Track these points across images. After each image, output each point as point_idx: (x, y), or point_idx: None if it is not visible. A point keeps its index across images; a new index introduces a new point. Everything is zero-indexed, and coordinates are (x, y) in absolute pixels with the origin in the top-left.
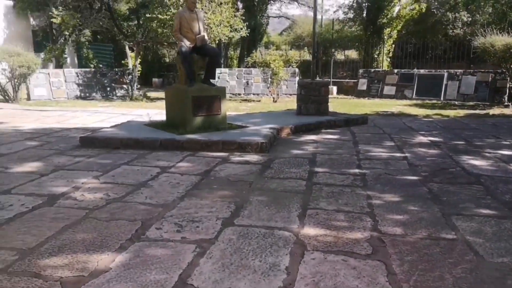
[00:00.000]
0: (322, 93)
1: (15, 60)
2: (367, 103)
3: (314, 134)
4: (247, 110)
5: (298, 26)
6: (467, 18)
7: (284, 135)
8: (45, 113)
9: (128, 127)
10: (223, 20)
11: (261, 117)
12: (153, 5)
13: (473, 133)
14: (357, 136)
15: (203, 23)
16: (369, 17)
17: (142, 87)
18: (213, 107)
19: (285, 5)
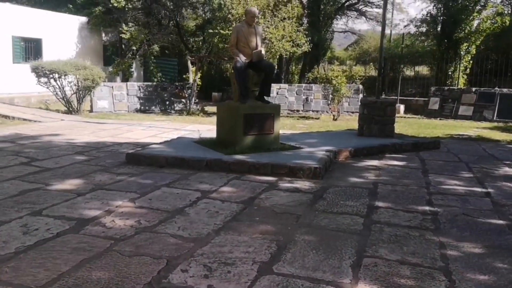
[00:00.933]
0: (388, 113)
1: (81, 73)
2: (439, 124)
3: (376, 159)
4: (304, 128)
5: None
6: None
7: (342, 158)
8: (102, 126)
9: (176, 144)
10: (285, 35)
11: (317, 137)
12: (217, 21)
13: None
14: (427, 163)
15: (261, 38)
16: (444, 31)
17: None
18: (266, 126)
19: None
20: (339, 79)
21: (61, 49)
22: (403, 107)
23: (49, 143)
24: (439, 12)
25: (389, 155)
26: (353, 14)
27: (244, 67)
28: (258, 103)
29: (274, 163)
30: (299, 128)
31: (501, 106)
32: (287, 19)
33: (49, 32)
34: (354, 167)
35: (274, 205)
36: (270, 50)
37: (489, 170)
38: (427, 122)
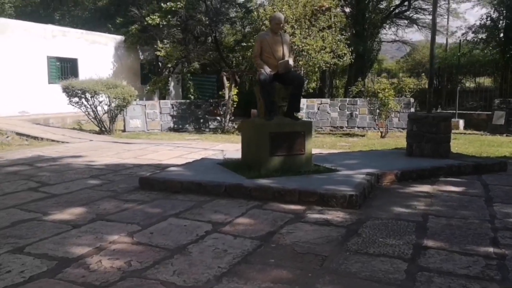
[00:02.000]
0: (441, 129)
1: (112, 92)
2: (506, 141)
3: (428, 183)
4: (345, 147)
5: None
6: None
7: (387, 183)
8: (129, 146)
9: (198, 167)
10: (324, 46)
11: (359, 158)
12: (252, 34)
13: None
14: (491, 189)
15: (289, 47)
16: (508, 37)
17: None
18: (295, 145)
19: (403, 29)
20: (386, 92)
21: (97, 68)
22: (462, 122)
23: (68, 165)
24: (501, 16)
25: (444, 179)
26: (403, 22)
27: (269, 79)
28: (286, 120)
29: (302, 189)
30: (340, 147)
31: None
32: (326, 29)
33: (85, 51)
34: (400, 194)
35: (296, 243)
36: (308, 63)
37: None
38: (491, 139)
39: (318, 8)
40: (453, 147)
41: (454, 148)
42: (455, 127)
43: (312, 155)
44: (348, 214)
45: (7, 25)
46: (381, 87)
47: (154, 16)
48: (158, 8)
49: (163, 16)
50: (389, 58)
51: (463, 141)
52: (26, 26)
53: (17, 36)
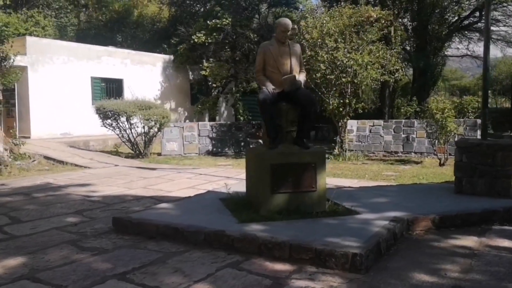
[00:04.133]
0: (499, 161)
1: (144, 114)
2: None
3: (475, 233)
4: (391, 177)
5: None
6: None
7: (420, 231)
8: (149, 173)
9: (193, 203)
10: (371, 61)
11: (394, 194)
12: None
13: None
14: None
15: (299, 60)
16: None
17: None
18: (304, 180)
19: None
20: (446, 112)
21: (144, 89)
22: None
23: (64, 197)
24: None
25: (499, 227)
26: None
27: (271, 99)
28: (294, 149)
29: (294, 243)
30: (385, 177)
31: None
32: (377, 42)
33: (131, 71)
34: (432, 249)
35: None
36: (352, 80)
37: None
38: None
39: (366, 19)
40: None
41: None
42: None
43: (339, 189)
44: (347, 283)
45: (50, 45)
46: (440, 107)
47: (200, 34)
48: (204, 26)
49: (208, 33)
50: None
51: None
52: (70, 46)
53: (61, 57)
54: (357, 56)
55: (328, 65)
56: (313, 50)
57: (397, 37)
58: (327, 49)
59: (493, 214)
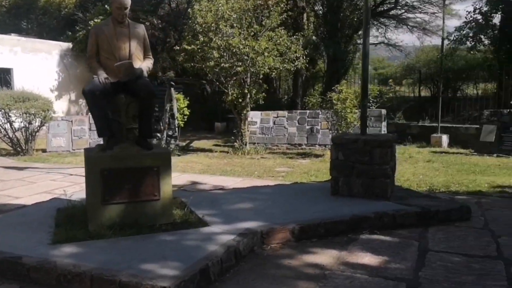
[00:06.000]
0: (377, 158)
1: (20, 106)
2: (492, 164)
3: (337, 246)
4: (282, 174)
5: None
6: None
7: (276, 244)
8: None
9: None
10: (268, 48)
11: (265, 197)
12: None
13: None
14: (428, 263)
15: (142, 44)
16: (504, 33)
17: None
18: (144, 187)
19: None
20: (348, 102)
21: (38, 79)
22: (446, 138)
23: None
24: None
25: (367, 237)
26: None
27: (103, 90)
28: (132, 150)
29: (97, 273)
30: (275, 174)
31: None
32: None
33: (22, 60)
34: (279, 269)
35: None
36: (247, 68)
37: None
38: (475, 162)
39: (264, 2)
40: (421, 173)
41: (418, 176)
42: (437, 144)
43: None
44: None
45: None
46: (342, 97)
47: (98, 19)
48: (103, 11)
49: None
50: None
51: (438, 165)
52: None
53: None
54: (254, 43)
55: (223, 53)
56: (206, 36)
57: (310, 24)
58: (222, 35)
59: (363, 221)
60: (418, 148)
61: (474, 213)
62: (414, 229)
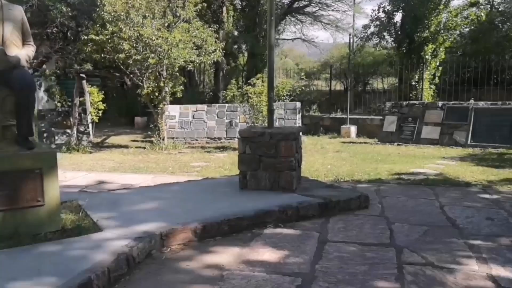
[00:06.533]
0: (282, 151)
1: None
2: (393, 153)
3: (240, 243)
4: (197, 169)
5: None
6: None
7: (177, 245)
8: None
9: None
10: (183, 40)
11: (171, 196)
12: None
13: None
14: (325, 254)
15: (20, 28)
16: (404, 30)
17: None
18: (25, 192)
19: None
20: (263, 96)
21: None
22: (354, 129)
23: None
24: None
25: (270, 231)
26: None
27: None
28: (8, 151)
29: None
30: (190, 169)
31: (477, 125)
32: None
33: None
34: (176, 274)
35: None
36: (161, 61)
37: (437, 272)
38: (379, 150)
39: None
40: (330, 163)
41: (326, 166)
42: (347, 135)
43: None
44: None
45: None
46: (257, 91)
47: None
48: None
49: None
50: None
51: (346, 154)
52: None
53: None
54: (167, 34)
55: (135, 44)
56: (116, 26)
57: (229, 17)
58: (133, 25)
59: (268, 215)
60: (330, 139)
61: (373, 200)
62: (317, 220)
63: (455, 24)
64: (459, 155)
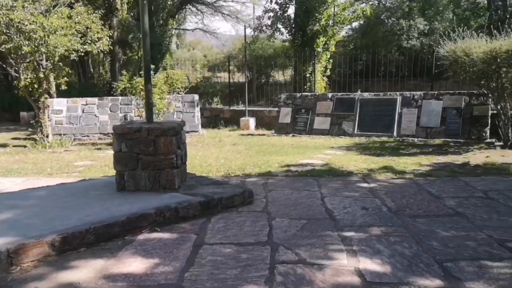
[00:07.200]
0: (162, 148)
1: None
2: (287, 144)
3: (108, 252)
4: (80, 169)
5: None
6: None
7: (31, 262)
8: None
9: None
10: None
11: (35, 202)
12: None
13: (454, 233)
14: (200, 257)
15: None
16: (297, 23)
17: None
18: None
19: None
20: (156, 89)
21: None
22: (253, 121)
23: None
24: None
25: (144, 237)
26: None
27: None
28: None
29: None
30: (74, 169)
31: (362, 115)
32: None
33: None
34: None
35: None
36: (39, 49)
37: (306, 270)
38: (274, 142)
39: None
40: (224, 157)
41: (221, 160)
42: (246, 127)
43: None
44: None
45: None
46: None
47: None
48: None
49: None
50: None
51: (242, 147)
52: None
53: None
54: (43, 19)
55: (5, 30)
56: None
57: (123, 4)
58: (1, 7)
59: (143, 219)
60: (230, 132)
61: (259, 195)
62: (198, 221)
63: (343, 18)
64: (347, 145)
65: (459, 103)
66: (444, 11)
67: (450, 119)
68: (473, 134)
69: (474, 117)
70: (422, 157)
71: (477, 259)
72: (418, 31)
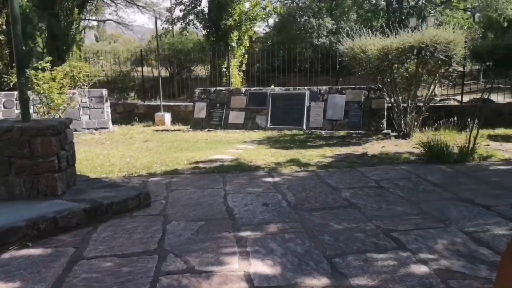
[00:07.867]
0: (39, 150)
1: None
2: (201, 139)
3: None
4: None
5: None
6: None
7: None
8: None
9: None
10: None
11: None
12: None
13: (345, 225)
14: (74, 275)
15: None
16: (211, 17)
17: None
18: None
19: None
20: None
21: None
22: (169, 117)
23: None
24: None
25: (12, 254)
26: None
27: None
28: None
29: None
30: None
31: (274, 109)
32: None
33: None
34: None
35: None
36: None
37: (193, 280)
38: (188, 138)
39: None
40: (131, 155)
41: (126, 159)
42: (161, 123)
43: None
44: None
45: None
46: (48, 76)
47: None
48: None
49: None
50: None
51: (153, 144)
52: None
53: None
54: None
55: None
56: None
57: None
58: None
59: (11, 234)
60: (144, 128)
61: (159, 196)
62: (82, 230)
63: (255, 14)
64: (259, 138)
65: (359, 97)
66: (349, 12)
67: (352, 112)
68: (372, 126)
69: (372, 110)
70: (327, 149)
71: (364, 251)
72: (327, 29)
